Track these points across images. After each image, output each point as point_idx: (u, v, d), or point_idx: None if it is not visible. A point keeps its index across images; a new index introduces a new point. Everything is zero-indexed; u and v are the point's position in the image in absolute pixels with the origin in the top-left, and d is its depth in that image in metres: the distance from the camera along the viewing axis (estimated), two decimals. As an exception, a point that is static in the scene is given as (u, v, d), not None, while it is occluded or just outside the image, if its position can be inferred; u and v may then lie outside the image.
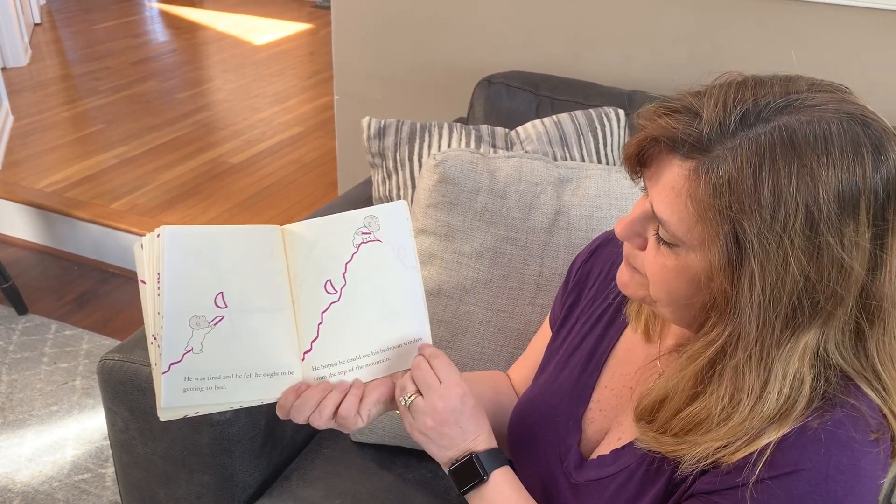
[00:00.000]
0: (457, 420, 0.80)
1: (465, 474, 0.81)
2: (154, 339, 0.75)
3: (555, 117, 1.55)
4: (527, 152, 1.38)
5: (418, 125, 1.53)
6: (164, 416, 0.75)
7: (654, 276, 0.71)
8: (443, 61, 2.05)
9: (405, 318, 0.84)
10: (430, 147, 1.50)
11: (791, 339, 0.64)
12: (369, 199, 1.61)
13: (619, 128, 1.56)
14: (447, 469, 0.82)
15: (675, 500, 0.73)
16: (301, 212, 2.99)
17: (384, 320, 0.83)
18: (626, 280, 0.77)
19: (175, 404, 0.74)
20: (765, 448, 0.65)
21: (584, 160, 1.52)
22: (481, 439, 0.82)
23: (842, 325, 0.65)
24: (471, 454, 0.80)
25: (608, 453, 0.82)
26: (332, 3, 2.13)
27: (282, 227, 0.84)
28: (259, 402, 0.79)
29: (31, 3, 5.14)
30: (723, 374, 0.67)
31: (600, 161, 1.53)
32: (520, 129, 1.55)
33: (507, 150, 1.52)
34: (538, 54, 1.92)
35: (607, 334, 0.91)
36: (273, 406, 0.81)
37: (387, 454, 1.28)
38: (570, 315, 0.97)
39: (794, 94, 0.63)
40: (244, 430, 1.16)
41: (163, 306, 0.75)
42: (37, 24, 5.25)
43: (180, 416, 0.76)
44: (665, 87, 1.65)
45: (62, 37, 5.13)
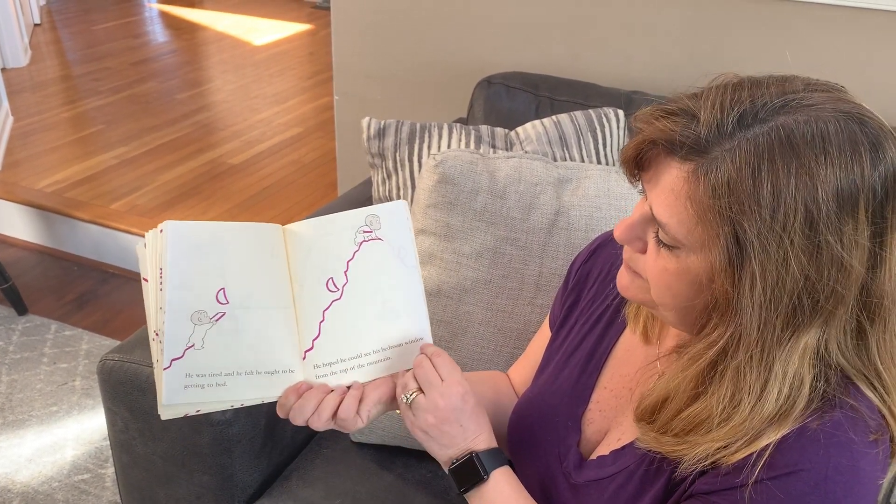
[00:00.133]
0: (458, 418, 0.80)
1: (466, 473, 0.81)
2: (156, 335, 0.75)
3: (554, 118, 1.55)
4: (526, 153, 1.38)
5: (418, 125, 1.53)
6: (164, 413, 0.74)
7: (655, 279, 0.71)
8: (442, 62, 2.05)
9: (406, 316, 0.84)
10: (429, 147, 1.50)
11: (791, 338, 0.64)
12: (369, 200, 1.61)
13: (618, 128, 1.56)
14: (447, 468, 0.82)
15: (674, 500, 0.73)
16: (301, 212, 2.99)
17: (385, 319, 0.83)
18: (626, 283, 0.77)
19: (176, 401, 0.74)
20: (764, 449, 0.65)
21: (583, 161, 1.52)
22: (482, 438, 0.82)
23: (843, 323, 0.66)
24: (471, 453, 0.81)
25: (608, 454, 0.82)
26: (332, 4, 2.13)
27: (283, 226, 0.84)
28: (259, 401, 0.79)
29: (30, 4, 5.14)
30: (724, 375, 0.67)
31: (600, 161, 1.54)
32: (519, 129, 1.55)
33: (506, 150, 1.52)
34: (538, 55, 1.92)
35: (607, 335, 0.91)
36: (273, 406, 0.81)
37: (387, 454, 1.28)
38: (569, 315, 0.97)
39: (790, 94, 0.64)
40: (244, 430, 1.16)
41: (165, 301, 0.74)
42: (37, 25, 5.26)
43: (181, 415, 0.75)
44: (664, 88, 1.65)
45: (62, 37, 5.13)
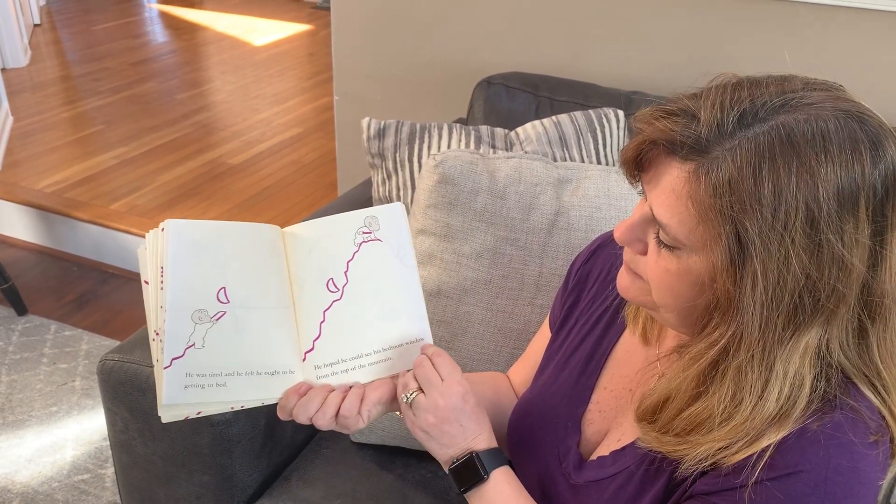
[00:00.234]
0: (458, 418, 0.80)
1: (466, 473, 0.81)
2: (156, 334, 0.75)
3: (554, 118, 1.55)
4: (526, 153, 1.38)
5: (418, 126, 1.53)
6: (165, 415, 0.74)
7: (656, 280, 0.71)
8: (442, 62, 2.05)
9: (406, 317, 0.85)
10: (429, 148, 1.50)
11: (793, 337, 0.64)
12: (369, 200, 1.61)
13: (618, 129, 1.56)
14: (447, 468, 0.82)
15: (673, 501, 0.73)
16: (301, 213, 2.99)
17: (386, 319, 0.83)
18: (626, 284, 0.77)
19: (176, 401, 0.73)
20: (764, 450, 0.65)
21: (583, 161, 1.52)
22: (482, 438, 0.82)
23: (845, 322, 0.66)
24: (471, 453, 0.81)
25: (607, 454, 0.82)
26: (332, 4, 2.13)
27: (282, 229, 0.84)
28: (259, 403, 0.79)
29: (30, 4, 5.14)
30: (725, 374, 0.67)
31: (600, 162, 1.54)
32: (519, 129, 1.55)
33: (506, 150, 1.52)
34: (537, 55, 1.92)
35: (607, 335, 0.91)
36: (273, 406, 0.81)
37: (387, 454, 1.28)
38: (569, 316, 0.97)
39: (790, 94, 0.64)
40: (244, 431, 1.16)
41: (166, 300, 0.74)
42: (36, 25, 5.26)
43: (181, 418, 0.75)
44: (664, 88, 1.65)
45: (62, 38, 5.13)
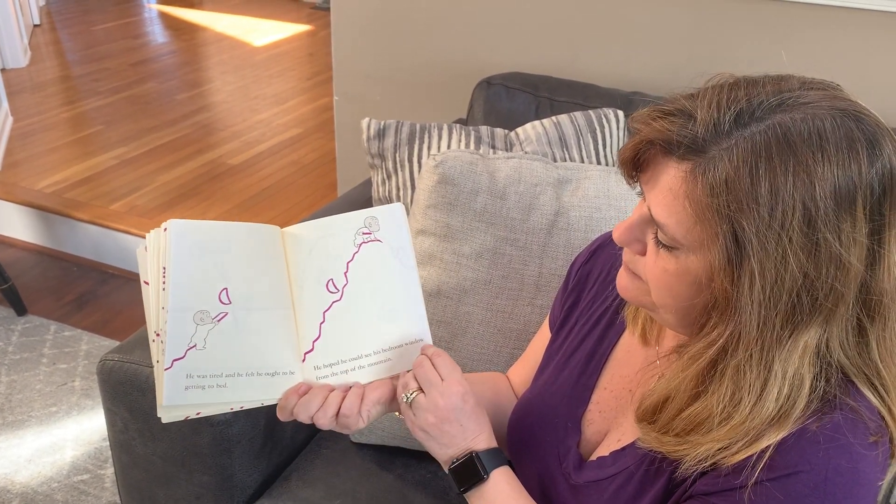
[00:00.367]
0: (458, 418, 0.80)
1: (466, 473, 0.81)
2: (157, 335, 0.75)
3: (554, 118, 1.55)
4: (526, 153, 1.38)
5: (418, 126, 1.53)
6: (164, 416, 0.74)
7: (655, 281, 0.71)
8: (442, 62, 2.05)
9: (405, 317, 0.85)
10: (429, 148, 1.51)
11: (791, 337, 0.64)
12: (369, 201, 1.61)
13: (618, 129, 1.56)
14: (447, 468, 0.82)
15: (673, 501, 0.73)
16: (300, 213, 2.99)
17: (385, 320, 0.84)
18: (626, 285, 0.77)
19: (176, 402, 0.73)
20: (764, 450, 0.65)
21: (583, 161, 1.52)
22: (482, 438, 0.82)
23: (845, 322, 0.66)
24: (471, 453, 0.81)
25: (607, 455, 0.82)
26: (332, 5, 2.13)
27: (281, 229, 0.84)
28: (259, 404, 0.79)
29: (30, 5, 5.14)
30: (724, 374, 0.67)
31: (599, 162, 1.54)
32: (519, 130, 1.55)
33: (506, 151, 1.52)
34: (537, 55, 1.92)
35: (607, 336, 0.91)
36: (273, 406, 0.81)
37: (386, 455, 1.28)
38: (569, 316, 0.97)
39: (786, 93, 0.64)
40: (244, 431, 1.16)
41: (167, 301, 0.74)
42: (36, 26, 5.26)
43: (181, 418, 0.75)
44: (664, 89, 1.64)
45: (61, 38, 5.14)
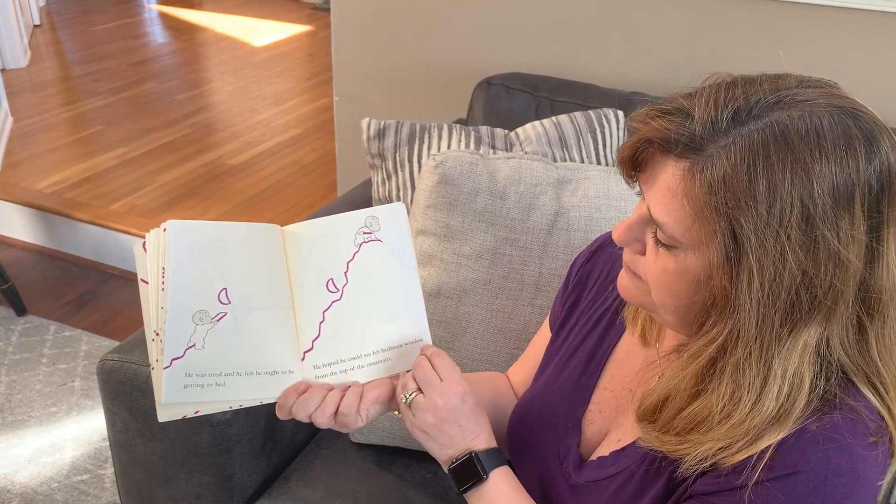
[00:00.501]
0: (457, 418, 0.80)
1: (465, 473, 0.81)
2: (156, 335, 0.75)
3: (554, 118, 1.55)
4: (526, 153, 1.38)
5: (418, 126, 1.53)
6: (163, 414, 0.74)
7: (655, 280, 0.71)
8: (442, 62, 2.05)
9: (405, 317, 0.85)
10: (429, 148, 1.51)
11: (791, 335, 0.64)
12: (369, 201, 1.61)
13: (618, 129, 1.56)
14: (447, 468, 0.82)
15: (673, 501, 0.73)
16: (300, 213, 2.99)
17: (385, 319, 0.84)
18: (626, 285, 0.77)
19: (175, 400, 0.74)
20: (764, 450, 0.65)
21: (583, 161, 1.52)
22: (481, 438, 0.82)
23: (844, 320, 0.66)
24: (470, 453, 0.81)
25: (608, 455, 0.82)
26: (332, 5, 2.13)
27: (281, 228, 0.84)
28: (258, 402, 0.79)
29: (30, 5, 5.14)
30: (723, 372, 0.67)
31: (599, 162, 1.54)
32: (519, 130, 1.55)
33: (506, 151, 1.52)
34: (537, 56, 1.92)
35: (607, 336, 0.91)
36: (272, 406, 0.81)
37: (386, 455, 1.28)
38: (569, 316, 0.97)
39: (784, 91, 0.64)
40: (244, 431, 1.16)
41: (167, 301, 0.74)
42: (36, 26, 5.26)
43: (179, 417, 0.75)
44: (664, 89, 1.64)
45: (61, 38, 5.14)
